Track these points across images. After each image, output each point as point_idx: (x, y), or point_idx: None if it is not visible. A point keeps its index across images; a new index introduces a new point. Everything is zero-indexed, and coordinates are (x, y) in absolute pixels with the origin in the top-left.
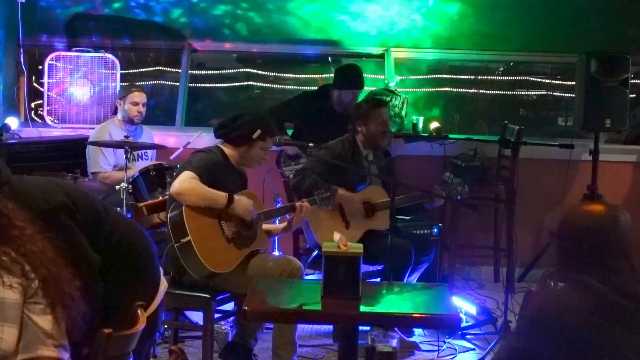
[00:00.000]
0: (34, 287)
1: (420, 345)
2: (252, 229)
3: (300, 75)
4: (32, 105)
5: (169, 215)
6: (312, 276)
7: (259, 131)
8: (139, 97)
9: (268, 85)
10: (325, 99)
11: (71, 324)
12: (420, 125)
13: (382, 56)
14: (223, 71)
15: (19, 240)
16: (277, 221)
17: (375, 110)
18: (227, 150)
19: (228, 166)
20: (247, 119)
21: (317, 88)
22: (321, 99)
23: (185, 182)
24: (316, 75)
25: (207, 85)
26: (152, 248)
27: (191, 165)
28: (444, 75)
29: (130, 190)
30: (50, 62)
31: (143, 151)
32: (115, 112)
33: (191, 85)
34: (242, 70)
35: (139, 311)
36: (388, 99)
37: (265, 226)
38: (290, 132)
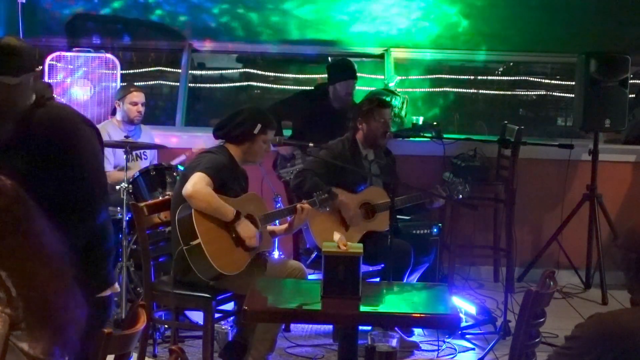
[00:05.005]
0: (20, 315)
1: (420, 345)
2: (258, 230)
3: (300, 75)
4: None
5: (177, 218)
6: (312, 276)
7: (259, 125)
8: (138, 97)
9: (268, 85)
10: (322, 97)
11: (62, 340)
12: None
13: (382, 56)
14: (223, 71)
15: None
16: (277, 222)
17: (379, 109)
18: (231, 149)
19: (234, 166)
20: (245, 116)
21: (314, 87)
22: (319, 97)
23: (198, 184)
24: (316, 75)
25: (207, 85)
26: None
27: (202, 166)
28: (444, 75)
29: (131, 190)
30: (51, 62)
31: (142, 151)
32: (113, 113)
33: (191, 85)
34: (242, 70)
35: (139, 310)
36: (388, 99)
37: (268, 227)
38: (288, 132)
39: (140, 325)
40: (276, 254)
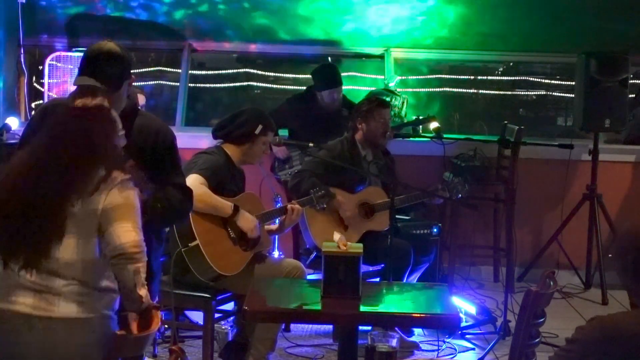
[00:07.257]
0: None
1: (420, 345)
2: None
3: (300, 75)
4: (33, 105)
5: None
6: (312, 276)
7: (260, 126)
8: (140, 99)
9: (268, 85)
10: (314, 99)
11: None
12: (420, 125)
13: (382, 56)
14: (223, 71)
15: None
16: (277, 221)
17: (379, 109)
18: (229, 149)
19: (231, 167)
20: (246, 117)
21: (304, 89)
22: (310, 99)
23: (193, 186)
24: None
25: (207, 85)
26: None
27: (197, 167)
28: (444, 75)
29: None
30: (51, 62)
31: None
32: None
33: (191, 85)
34: (242, 70)
35: (153, 312)
36: (388, 99)
37: (266, 227)
38: (285, 132)
39: (154, 327)
40: (276, 254)
